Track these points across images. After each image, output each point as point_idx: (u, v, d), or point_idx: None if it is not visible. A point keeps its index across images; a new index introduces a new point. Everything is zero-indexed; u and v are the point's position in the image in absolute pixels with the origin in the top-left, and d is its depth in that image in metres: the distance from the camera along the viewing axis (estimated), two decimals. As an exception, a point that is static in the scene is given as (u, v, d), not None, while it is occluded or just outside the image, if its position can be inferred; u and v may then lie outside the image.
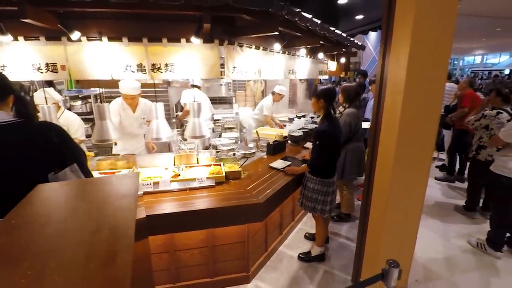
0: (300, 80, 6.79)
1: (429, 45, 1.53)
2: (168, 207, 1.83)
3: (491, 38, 16.31)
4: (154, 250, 1.96)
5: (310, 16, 2.28)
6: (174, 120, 4.10)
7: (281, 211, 2.71)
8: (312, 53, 3.88)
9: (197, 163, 2.45)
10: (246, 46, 2.32)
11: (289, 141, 3.42)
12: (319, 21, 2.43)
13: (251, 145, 3.18)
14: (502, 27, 12.30)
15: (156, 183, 2.01)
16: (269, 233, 2.51)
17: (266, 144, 3.02)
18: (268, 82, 6.23)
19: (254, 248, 2.30)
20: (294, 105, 7.08)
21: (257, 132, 3.33)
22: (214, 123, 4.55)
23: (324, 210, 2.29)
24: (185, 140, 2.96)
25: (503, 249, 2.63)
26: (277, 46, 2.45)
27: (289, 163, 2.62)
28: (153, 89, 3.08)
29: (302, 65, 3.55)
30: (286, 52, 3.01)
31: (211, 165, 2.36)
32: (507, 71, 21.21)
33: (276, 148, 2.97)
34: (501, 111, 2.70)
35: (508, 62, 23.92)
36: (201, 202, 1.89)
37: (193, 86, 3.72)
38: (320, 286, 2.23)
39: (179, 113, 4.21)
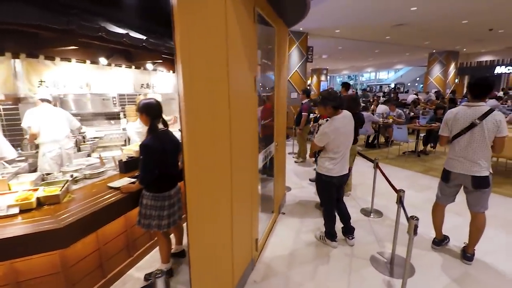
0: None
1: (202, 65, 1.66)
2: None
3: (376, 58, 19.55)
4: None
5: (125, 32, 2.31)
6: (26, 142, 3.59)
7: (129, 232, 2.59)
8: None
9: (9, 189, 2.16)
10: (63, 60, 2.19)
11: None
12: (143, 37, 2.48)
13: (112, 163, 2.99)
14: (380, 49, 14.86)
15: None
16: (107, 258, 2.34)
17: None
18: (165, 96, 6.09)
19: (81, 276, 2.10)
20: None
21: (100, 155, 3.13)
22: (84, 141, 4.17)
23: (161, 225, 2.26)
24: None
25: (351, 237, 2.98)
26: (103, 60, 2.38)
27: (134, 180, 2.53)
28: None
29: (162, 79, 3.55)
30: (134, 67, 2.98)
31: (23, 190, 2.10)
32: (392, 85, 25.74)
33: (129, 165, 2.85)
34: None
35: (395, 77, 29.08)
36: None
37: (43, 100, 3.30)
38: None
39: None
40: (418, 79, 25.53)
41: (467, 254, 2.65)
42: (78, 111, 4.70)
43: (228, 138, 1.80)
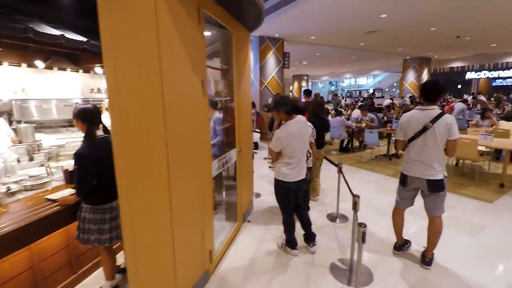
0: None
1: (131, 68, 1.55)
2: None
3: (353, 65, 20.02)
4: None
5: (59, 33, 2.16)
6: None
7: (72, 247, 2.39)
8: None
9: None
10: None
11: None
12: (84, 39, 2.33)
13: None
14: (356, 55, 15.21)
15: None
16: (44, 276, 2.14)
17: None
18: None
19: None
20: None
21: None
22: (38, 150, 3.92)
23: (101, 240, 2.09)
24: None
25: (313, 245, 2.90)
26: (40, 64, 2.22)
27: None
28: None
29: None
30: (82, 71, 2.81)
31: None
32: (371, 90, 26.45)
33: (74, 175, 2.66)
34: None
35: (373, 83, 29.93)
36: None
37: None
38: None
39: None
40: (395, 84, 26.38)
41: (426, 259, 2.62)
42: (40, 117, 4.44)
43: (163, 145, 1.69)
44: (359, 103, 14.95)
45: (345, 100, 20.47)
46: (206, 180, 2.35)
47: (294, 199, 2.77)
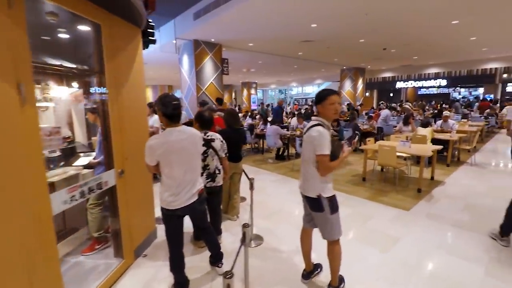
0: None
1: None
2: None
3: (296, 73, 20.64)
4: None
5: None
6: None
7: None
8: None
9: None
10: None
11: None
12: None
13: None
14: (297, 64, 15.58)
15: None
16: None
17: None
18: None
19: None
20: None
21: None
22: None
23: None
24: None
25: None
26: None
27: None
28: None
29: None
30: None
31: None
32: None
33: None
34: None
35: (318, 91, 31.42)
36: None
37: None
38: None
39: None
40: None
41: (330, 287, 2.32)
42: None
43: None
44: (302, 111, 15.29)
45: (290, 107, 20.97)
46: (42, 219, 1.71)
47: (180, 229, 2.27)
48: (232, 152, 3.57)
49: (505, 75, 16.16)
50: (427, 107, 15.41)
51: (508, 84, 17.48)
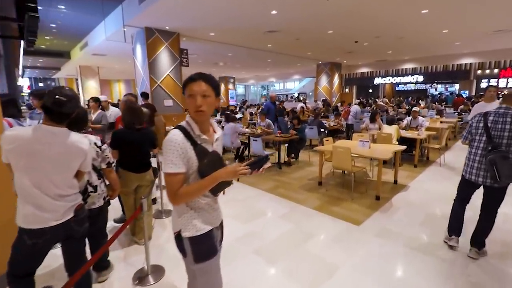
0: None
1: None
2: None
3: (272, 68, 19.90)
4: None
5: None
6: None
7: None
8: None
9: None
10: None
11: None
12: None
13: None
14: (271, 58, 14.84)
15: None
16: None
17: None
18: None
19: None
20: None
21: None
22: None
23: None
24: None
25: None
26: None
27: None
28: None
29: None
30: None
31: None
32: (296, 94, 27.13)
33: None
34: None
35: (299, 87, 30.86)
36: None
37: None
38: None
39: None
40: (318, 88, 27.55)
41: None
42: None
43: None
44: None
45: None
46: None
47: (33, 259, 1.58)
48: (133, 161, 2.81)
49: (479, 71, 16.09)
50: (403, 103, 15.10)
51: (482, 80, 17.49)
